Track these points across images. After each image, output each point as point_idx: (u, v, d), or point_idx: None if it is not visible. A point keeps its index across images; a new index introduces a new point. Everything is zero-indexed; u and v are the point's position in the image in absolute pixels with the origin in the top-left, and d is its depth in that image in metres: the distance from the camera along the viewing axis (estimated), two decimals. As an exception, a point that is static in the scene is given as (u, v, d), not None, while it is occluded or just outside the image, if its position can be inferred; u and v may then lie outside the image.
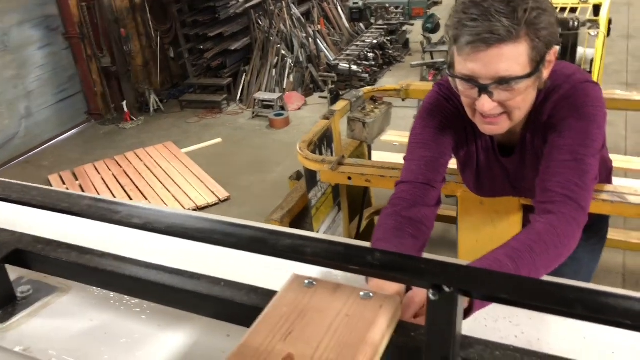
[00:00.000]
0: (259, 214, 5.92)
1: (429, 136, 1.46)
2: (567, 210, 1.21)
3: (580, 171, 1.26)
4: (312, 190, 2.25)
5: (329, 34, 9.72)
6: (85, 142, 8.06)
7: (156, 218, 0.89)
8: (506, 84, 1.22)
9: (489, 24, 1.17)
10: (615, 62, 8.56)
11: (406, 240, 1.27)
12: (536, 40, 1.21)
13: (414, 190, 1.38)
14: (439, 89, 1.52)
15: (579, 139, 1.29)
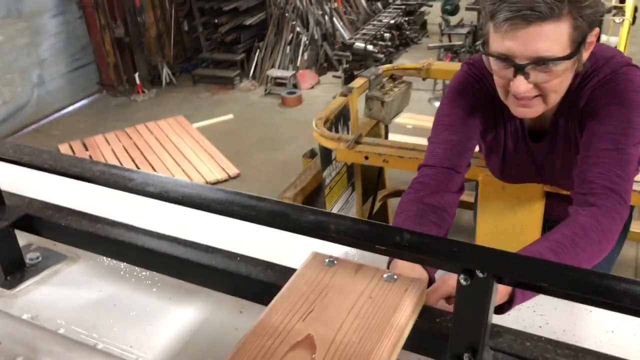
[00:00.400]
0: (268, 192, 5.90)
1: (457, 118, 1.39)
2: (610, 203, 1.16)
3: (621, 161, 1.20)
4: (327, 169, 2.20)
5: (345, 12, 9.58)
6: (97, 112, 8.03)
7: (172, 187, 0.85)
8: (544, 64, 1.15)
9: (530, 0, 1.10)
10: (638, 52, 8.38)
11: (428, 228, 1.22)
12: (579, 19, 1.14)
13: (438, 176, 1.33)
14: (468, 69, 1.44)
15: (620, 127, 1.22)
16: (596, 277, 0.64)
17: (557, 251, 1.07)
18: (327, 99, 7.94)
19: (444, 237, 0.80)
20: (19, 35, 7.24)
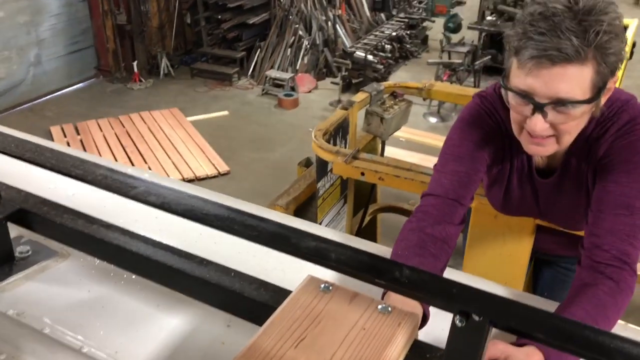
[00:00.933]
0: (256, 192, 5.88)
1: (466, 150, 1.39)
2: (625, 277, 1.18)
3: (635, 227, 1.21)
4: (322, 180, 2.20)
5: (348, 20, 9.60)
6: (92, 97, 7.98)
7: (174, 199, 0.84)
8: (563, 106, 1.16)
9: (557, 41, 1.10)
10: (633, 87, 8.48)
11: (427, 259, 1.22)
12: (602, 65, 1.14)
13: (442, 206, 1.32)
14: (480, 102, 1.44)
15: (635, 189, 1.23)
16: (591, 331, 0.64)
17: None
18: (323, 104, 7.95)
19: (442, 276, 0.80)
20: (19, 12, 7.17)
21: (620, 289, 1.17)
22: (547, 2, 1.15)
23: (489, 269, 1.87)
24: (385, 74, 8.43)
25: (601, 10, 1.12)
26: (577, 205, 1.47)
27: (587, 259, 1.23)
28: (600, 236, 1.24)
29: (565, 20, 1.11)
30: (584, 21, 1.11)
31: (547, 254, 1.93)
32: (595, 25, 1.11)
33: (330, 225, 2.38)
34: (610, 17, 1.13)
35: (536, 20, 1.13)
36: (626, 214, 1.23)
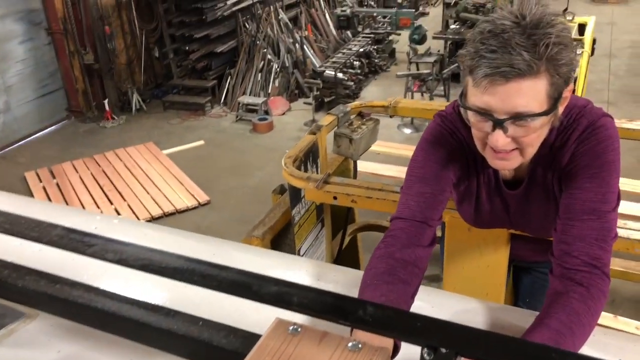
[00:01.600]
0: (238, 219, 5.86)
1: (430, 171, 1.40)
2: (596, 282, 1.18)
3: (603, 230, 1.23)
4: (296, 207, 2.19)
5: (315, 40, 9.69)
6: (65, 139, 7.91)
7: (132, 254, 0.83)
8: (522, 120, 1.17)
9: (508, 57, 1.11)
10: (598, 81, 8.66)
11: (396, 286, 1.21)
12: (556, 76, 1.15)
13: (410, 229, 1.32)
14: (441, 121, 1.46)
15: (600, 193, 1.25)
16: (557, 354, 0.64)
17: (560, 342, 1.09)
18: (298, 125, 7.98)
19: (407, 311, 0.79)
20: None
21: (591, 294, 1.17)
22: (495, 20, 1.17)
23: (468, 282, 1.87)
24: (356, 90, 8.49)
25: (548, 23, 1.14)
26: (547, 214, 1.48)
27: (558, 267, 1.24)
28: (569, 243, 1.24)
29: (515, 36, 1.12)
30: (532, 35, 1.12)
31: (524, 261, 1.94)
32: (544, 38, 1.12)
33: (310, 250, 2.37)
34: (558, 28, 1.15)
35: (486, 38, 1.14)
36: (593, 219, 1.24)
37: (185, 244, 1.57)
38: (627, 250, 1.62)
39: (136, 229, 1.66)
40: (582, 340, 1.15)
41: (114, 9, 8.36)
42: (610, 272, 1.24)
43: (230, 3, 8.53)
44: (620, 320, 3.40)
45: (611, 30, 11.19)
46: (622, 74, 9.01)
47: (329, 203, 2.10)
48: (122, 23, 8.54)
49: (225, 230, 5.68)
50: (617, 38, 10.69)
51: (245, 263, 1.44)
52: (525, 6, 1.16)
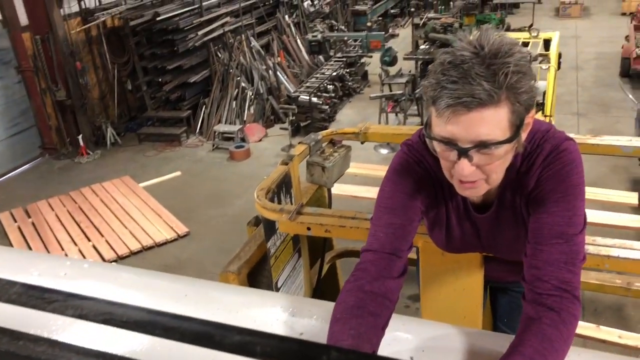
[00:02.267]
0: (219, 249, 5.81)
1: (398, 201, 1.41)
2: (567, 306, 1.19)
3: (571, 254, 1.25)
4: (271, 239, 2.18)
5: (288, 66, 9.77)
6: (39, 177, 7.81)
7: (93, 309, 0.81)
8: (486, 148, 1.18)
9: (469, 87, 1.13)
10: (566, 93, 8.85)
11: (365, 320, 1.20)
12: (516, 104, 1.18)
13: (380, 261, 1.33)
14: (408, 151, 1.47)
15: (566, 217, 1.27)
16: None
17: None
18: (275, 150, 7.98)
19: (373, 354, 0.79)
20: (-47, 103, 7.04)
21: (562, 319, 1.18)
22: (455, 51, 1.19)
23: (446, 307, 1.87)
24: (332, 114, 8.56)
25: (506, 53, 1.16)
26: (517, 237, 1.50)
27: (530, 292, 1.25)
28: (539, 267, 1.26)
29: (474, 66, 1.15)
30: (492, 65, 1.15)
31: (499, 282, 1.95)
32: (503, 68, 1.15)
33: (288, 282, 2.35)
34: (516, 57, 1.17)
35: (447, 69, 1.17)
36: (561, 242, 1.26)
37: (157, 286, 1.55)
38: (598, 266, 1.64)
39: (107, 273, 1.63)
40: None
41: (84, 44, 8.35)
42: (580, 294, 1.25)
43: (201, 33, 8.58)
44: (603, 329, 3.43)
45: (576, 43, 11.48)
46: (590, 85, 9.23)
47: (303, 234, 2.10)
48: (93, 58, 8.53)
49: (205, 261, 5.62)
50: (583, 50, 10.96)
51: (218, 303, 1.43)
52: (484, 36, 1.19)
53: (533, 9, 12.68)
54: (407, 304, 4.60)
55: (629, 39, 9.38)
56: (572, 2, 13.76)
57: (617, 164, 6.37)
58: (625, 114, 7.96)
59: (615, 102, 8.48)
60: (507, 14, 12.59)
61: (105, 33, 8.49)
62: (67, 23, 7.92)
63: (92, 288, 1.47)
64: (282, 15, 10.60)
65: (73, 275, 1.51)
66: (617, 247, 1.65)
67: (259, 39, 9.83)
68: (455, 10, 10.69)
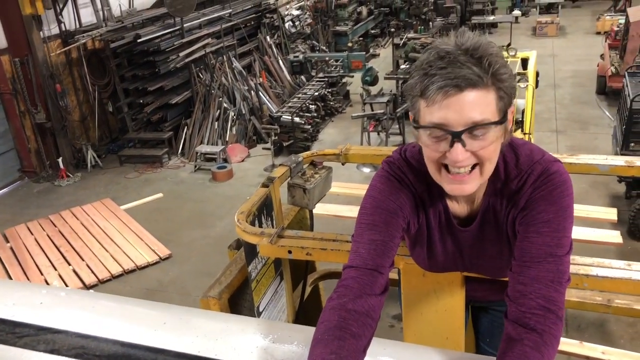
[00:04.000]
0: (201, 272, 5.74)
1: (379, 218, 1.40)
2: (549, 327, 1.19)
3: (558, 273, 1.26)
4: (252, 262, 2.17)
5: (270, 86, 9.81)
6: (18, 201, 7.70)
7: (65, 342, 0.80)
8: (479, 129, 1.20)
9: (459, 70, 1.17)
10: (545, 111, 8.99)
11: (347, 342, 1.19)
12: (501, 91, 1.21)
13: (362, 278, 1.32)
14: (389, 168, 1.47)
15: (555, 238, 1.29)
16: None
17: None
18: (258, 171, 7.97)
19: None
20: None
21: (544, 341, 1.18)
22: (437, 46, 1.24)
23: (428, 328, 1.87)
24: (314, 133, 8.59)
25: (486, 46, 1.22)
26: (500, 253, 1.50)
27: (513, 310, 1.25)
28: (525, 284, 1.27)
29: (459, 56, 1.19)
30: (475, 55, 1.19)
31: (481, 301, 1.95)
32: (486, 56, 1.20)
33: (270, 305, 2.33)
34: (495, 50, 1.23)
35: (433, 61, 1.20)
36: (549, 261, 1.27)
37: (135, 314, 1.52)
38: (577, 285, 1.65)
39: (84, 301, 1.60)
40: None
41: (64, 67, 8.31)
42: (564, 315, 1.25)
43: (182, 55, 8.59)
44: (586, 346, 3.44)
45: (553, 61, 11.70)
46: (567, 103, 9.39)
47: (284, 257, 2.09)
48: (73, 80, 8.49)
49: (188, 284, 5.56)
50: (560, 69, 11.17)
51: (197, 330, 1.40)
52: (461, 36, 1.24)
53: (511, 28, 12.92)
54: (391, 324, 4.59)
55: (604, 57, 9.58)
56: (548, 21, 14.05)
57: (596, 180, 6.46)
58: (602, 130, 8.10)
59: (593, 119, 8.63)
60: (486, 34, 12.82)
61: (85, 55, 8.46)
62: (47, 45, 7.88)
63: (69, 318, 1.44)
64: (264, 36, 10.67)
65: (49, 305, 1.48)
66: (596, 265, 1.67)
67: (240, 60, 9.87)
68: (434, 30, 10.87)
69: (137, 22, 8.67)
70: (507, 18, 13.58)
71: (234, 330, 1.43)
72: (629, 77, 6.41)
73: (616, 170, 2.27)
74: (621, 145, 5.81)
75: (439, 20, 11.55)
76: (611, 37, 10.11)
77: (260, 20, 10.94)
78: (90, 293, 2.02)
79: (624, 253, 5.23)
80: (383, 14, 14.29)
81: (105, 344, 0.79)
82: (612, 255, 5.19)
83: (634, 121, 5.71)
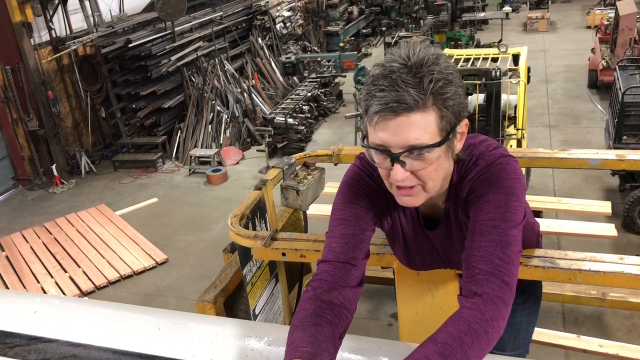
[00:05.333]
0: (199, 275, 5.74)
1: (350, 213, 1.44)
2: (492, 289, 1.20)
3: (502, 243, 1.26)
4: (247, 265, 2.17)
5: (263, 88, 9.80)
6: (12, 209, 7.67)
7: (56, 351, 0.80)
8: (417, 151, 1.21)
9: (396, 94, 1.18)
10: (538, 106, 9.01)
11: (323, 328, 1.22)
12: (444, 110, 1.22)
13: (335, 271, 1.35)
14: (360, 164, 1.51)
15: (499, 213, 1.30)
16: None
17: (446, 354, 1.09)
18: (253, 173, 7.96)
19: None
20: None
21: (485, 301, 1.19)
22: (385, 63, 1.25)
23: (425, 326, 1.86)
24: (308, 134, 8.59)
25: (432, 62, 1.22)
26: None
27: (464, 282, 1.26)
28: (470, 255, 1.29)
29: (402, 75, 1.20)
30: (418, 73, 1.20)
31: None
32: (428, 75, 1.20)
33: (266, 308, 2.33)
34: (442, 66, 1.23)
35: (377, 79, 1.22)
36: (492, 232, 1.29)
37: (130, 320, 1.52)
38: (570, 280, 1.65)
39: (79, 309, 1.60)
40: (479, 348, 1.14)
41: (56, 73, 8.29)
42: (513, 281, 1.25)
43: (174, 59, 8.57)
44: (584, 339, 3.46)
45: (545, 56, 11.73)
46: (560, 98, 9.41)
47: (278, 260, 2.09)
48: (65, 86, 8.46)
49: (185, 288, 5.56)
50: (551, 64, 11.21)
51: (192, 334, 1.41)
52: (411, 49, 1.25)
53: (501, 24, 12.94)
54: (390, 322, 4.59)
55: (595, 51, 9.62)
56: (539, 17, 14.09)
57: (590, 174, 6.48)
58: (595, 124, 8.13)
59: (585, 113, 8.65)
60: (477, 31, 12.84)
61: (77, 61, 8.44)
62: (38, 52, 7.86)
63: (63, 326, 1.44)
64: (255, 38, 10.66)
65: (44, 313, 1.48)
66: (588, 260, 1.67)
67: (232, 62, 9.86)
68: (425, 28, 10.89)
69: (128, 26, 8.65)
70: (497, 14, 13.59)
71: (228, 333, 1.44)
72: (620, 70, 6.44)
73: (607, 164, 2.28)
74: (614, 139, 5.84)
75: (429, 18, 11.56)
76: (601, 31, 10.15)
77: (251, 22, 10.94)
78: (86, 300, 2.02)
79: (619, 246, 5.25)
80: (374, 13, 14.30)
81: (97, 352, 0.79)
82: (608, 248, 5.22)
83: (626, 114, 5.73)
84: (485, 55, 6.12)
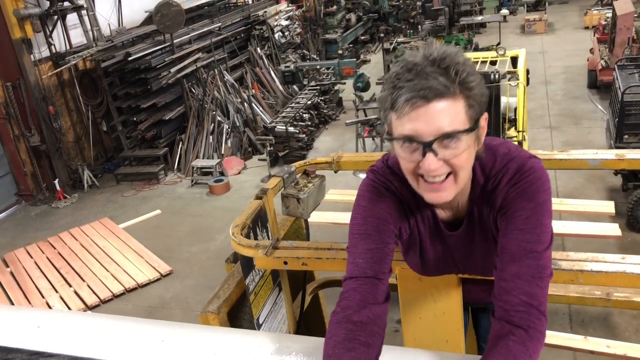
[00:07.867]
0: (203, 286, 5.73)
1: (371, 227, 1.41)
2: (534, 322, 1.21)
3: (539, 269, 1.27)
4: (249, 275, 2.16)
5: (263, 97, 9.83)
6: (16, 225, 7.69)
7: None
8: (450, 138, 1.20)
9: (425, 82, 1.17)
10: (538, 107, 9.01)
11: (358, 352, 1.20)
12: (471, 99, 1.22)
13: (363, 287, 1.32)
14: (374, 177, 1.48)
15: (535, 234, 1.29)
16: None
17: None
18: (255, 182, 7.97)
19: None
20: None
21: (529, 335, 1.20)
22: (406, 59, 1.25)
23: (427, 332, 1.87)
24: (309, 142, 8.60)
25: (453, 55, 1.23)
26: (488, 253, 1.51)
27: (499, 308, 1.27)
28: (508, 281, 1.28)
29: (427, 67, 1.20)
30: (442, 65, 1.20)
31: (479, 303, 1.95)
32: (453, 65, 1.20)
33: (270, 317, 2.33)
34: (463, 59, 1.24)
35: (402, 73, 1.21)
36: (530, 257, 1.29)
37: (133, 333, 1.52)
38: (572, 281, 1.65)
39: (82, 322, 1.60)
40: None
41: (57, 88, 8.33)
42: (546, 309, 1.26)
43: (174, 70, 8.61)
44: (591, 340, 3.44)
45: (543, 58, 11.74)
46: (560, 99, 9.41)
47: (281, 269, 2.09)
48: (66, 101, 8.50)
49: (190, 299, 5.56)
50: (550, 65, 11.21)
51: (196, 346, 1.41)
52: (429, 47, 1.25)
53: (499, 27, 12.97)
54: (396, 328, 4.57)
55: (594, 51, 9.62)
56: (536, 19, 14.12)
57: (592, 174, 6.47)
58: (596, 124, 8.12)
59: (586, 113, 8.65)
60: (475, 34, 12.87)
61: (77, 76, 8.48)
62: (38, 68, 7.90)
63: (66, 340, 1.44)
64: (254, 48, 10.70)
65: (47, 327, 1.48)
66: (590, 260, 1.67)
67: (232, 73, 9.89)
68: (423, 33, 10.91)
69: (127, 40, 8.70)
70: (495, 17, 13.63)
71: (232, 344, 1.44)
72: (619, 70, 6.44)
73: (607, 164, 2.27)
74: (615, 138, 5.83)
75: (427, 23, 11.59)
76: (599, 31, 10.16)
77: (249, 32, 10.98)
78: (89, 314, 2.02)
79: (624, 245, 5.24)
80: (372, 20, 14.34)
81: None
82: (613, 248, 5.20)
83: (626, 113, 5.72)
84: (484, 58, 6.13)
